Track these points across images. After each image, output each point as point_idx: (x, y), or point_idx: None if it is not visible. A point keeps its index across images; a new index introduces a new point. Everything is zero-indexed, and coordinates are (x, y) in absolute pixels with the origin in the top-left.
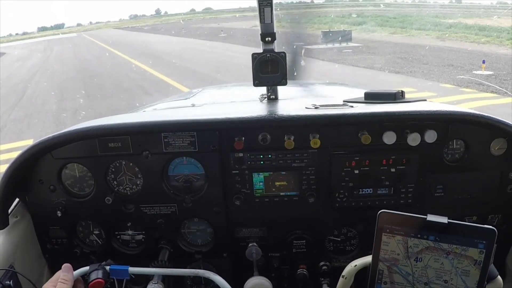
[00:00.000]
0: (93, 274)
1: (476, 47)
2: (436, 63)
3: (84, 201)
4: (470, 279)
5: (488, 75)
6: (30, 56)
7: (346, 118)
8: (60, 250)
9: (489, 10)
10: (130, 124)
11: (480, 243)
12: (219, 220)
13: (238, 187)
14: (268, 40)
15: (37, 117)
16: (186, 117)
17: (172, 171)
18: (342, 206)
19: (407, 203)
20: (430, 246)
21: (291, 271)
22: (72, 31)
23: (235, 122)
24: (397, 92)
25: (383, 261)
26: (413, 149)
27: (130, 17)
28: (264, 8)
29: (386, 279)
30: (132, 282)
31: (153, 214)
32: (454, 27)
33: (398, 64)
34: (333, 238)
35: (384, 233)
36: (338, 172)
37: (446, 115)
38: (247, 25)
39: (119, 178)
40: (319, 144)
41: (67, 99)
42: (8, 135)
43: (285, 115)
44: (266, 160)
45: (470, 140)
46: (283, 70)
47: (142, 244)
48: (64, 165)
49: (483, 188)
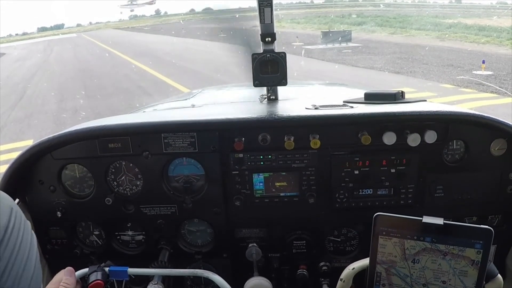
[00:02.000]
0: (92, 276)
1: (476, 47)
2: (436, 63)
3: (84, 201)
4: (468, 279)
5: (488, 75)
6: (30, 56)
7: (346, 119)
8: (60, 250)
9: (489, 10)
10: (130, 125)
11: (477, 243)
12: (219, 221)
13: (238, 188)
14: (268, 41)
15: (37, 117)
16: (186, 118)
17: (172, 172)
18: (342, 206)
19: (407, 203)
20: (427, 247)
21: (291, 272)
22: (72, 31)
23: (235, 122)
24: (397, 93)
25: (380, 263)
26: (413, 150)
27: (130, 18)
28: (264, 8)
29: (384, 281)
30: (132, 282)
31: (153, 214)
32: (454, 27)
33: (398, 64)
34: (333, 239)
35: (381, 236)
36: (338, 172)
37: (446, 116)
38: (247, 25)
39: (119, 178)
40: (319, 145)
41: (67, 99)
42: (8, 135)
43: (285, 115)
44: (266, 160)
45: (470, 140)
46: (283, 70)
47: (142, 245)
48: (64, 165)
49: (483, 189)
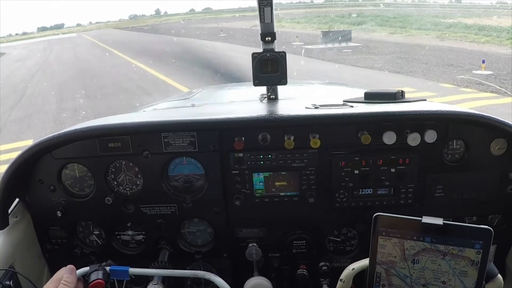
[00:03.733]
0: (93, 275)
1: (475, 47)
2: (436, 63)
3: (84, 201)
4: (468, 279)
5: (487, 74)
6: (30, 56)
7: (346, 118)
8: (60, 250)
9: (489, 10)
10: (130, 124)
11: (477, 244)
12: (219, 220)
13: (238, 187)
14: (268, 40)
15: (37, 117)
16: (186, 117)
17: (172, 171)
18: (342, 206)
19: (407, 203)
20: (427, 247)
21: (291, 271)
22: (72, 31)
23: (235, 122)
24: (397, 92)
25: (380, 264)
26: (413, 149)
27: (130, 17)
28: (264, 8)
29: (384, 282)
30: (132, 282)
31: (153, 214)
32: (453, 27)
33: (398, 64)
34: (333, 239)
35: (380, 236)
36: (338, 172)
37: (446, 115)
38: (247, 25)
39: (119, 178)
40: (319, 144)
41: (67, 99)
42: (8, 135)
43: (285, 115)
44: (266, 160)
45: (470, 140)
46: (283, 69)
47: (142, 244)
48: (64, 165)
49: (483, 188)
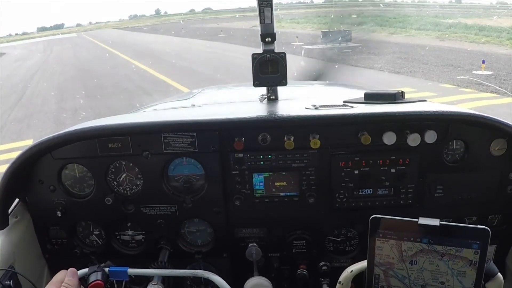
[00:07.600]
0: (92, 276)
1: (475, 47)
2: (436, 63)
3: (84, 201)
4: (466, 279)
5: (488, 75)
6: (29, 56)
7: (346, 119)
8: (60, 250)
9: (489, 10)
10: (130, 125)
11: (474, 244)
12: (219, 221)
13: (238, 188)
14: (268, 41)
15: (37, 117)
16: (186, 118)
17: (172, 172)
18: (342, 206)
19: (407, 203)
20: (424, 248)
21: (291, 271)
22: (72, 31)
23: (235, 122)
24: (397, 93)
25: (378, 265)
26: (413, 150)
27: (130, 17)
28: (264, 9)
29: (382, 283)
30: (132, 282)
31: (153, 214)
32: (453, 27)
33: (398, 64)
34: (333, 239)
35: (377, 238)
36: (338, 172)
37: (446, 116)
38: (247, 25)
39: (119, 178)
40: (319, 145)
41: (67, 99)
42: (8, 135)
43: (285, 115)
44: (266, 160)
45: (470, 140)
46: (283, 70)
47: (142, 245)
48: (64, 165)
49: (483, 189)
